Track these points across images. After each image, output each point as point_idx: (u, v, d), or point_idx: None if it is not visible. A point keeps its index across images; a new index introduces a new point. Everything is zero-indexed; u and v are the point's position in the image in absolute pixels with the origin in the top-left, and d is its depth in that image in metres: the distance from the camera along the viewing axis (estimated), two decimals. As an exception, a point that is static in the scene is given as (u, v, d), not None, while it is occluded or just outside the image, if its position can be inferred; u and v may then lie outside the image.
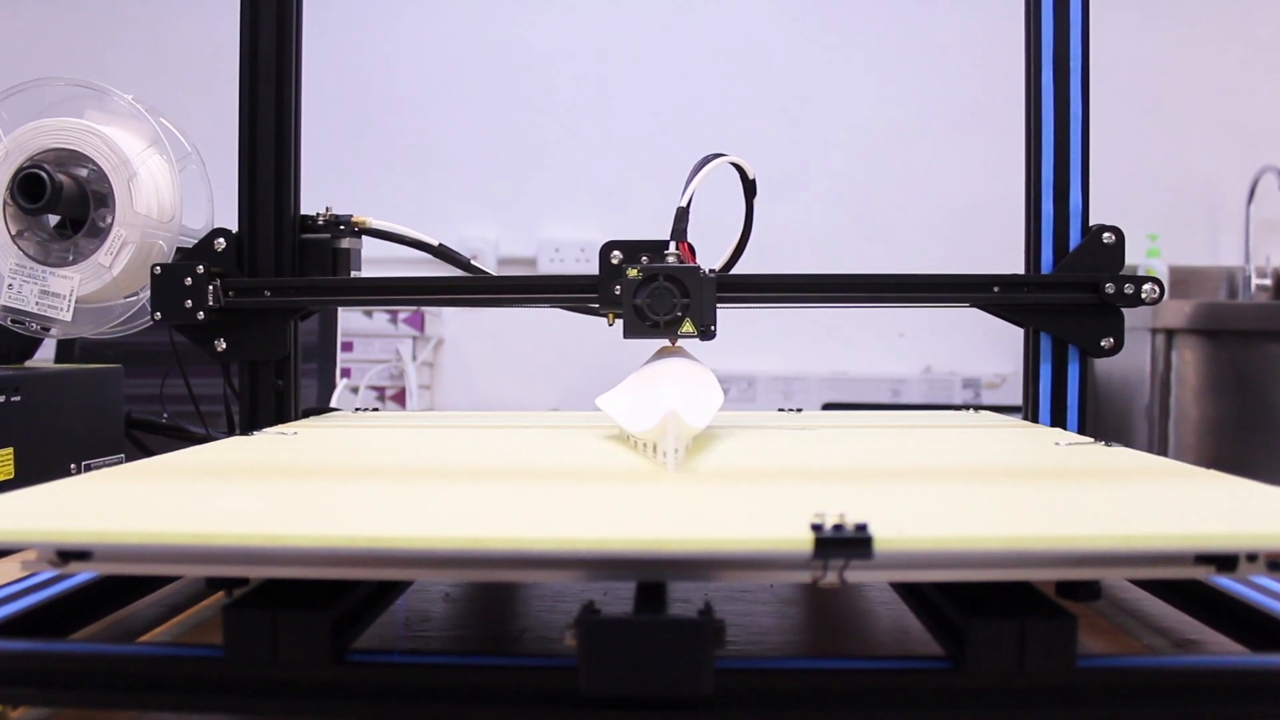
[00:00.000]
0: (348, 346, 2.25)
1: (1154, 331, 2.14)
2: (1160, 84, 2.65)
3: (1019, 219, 0.85)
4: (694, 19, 2.70)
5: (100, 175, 0.88)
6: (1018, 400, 0.86)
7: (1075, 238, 0.83)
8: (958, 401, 2.47)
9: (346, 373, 2.16)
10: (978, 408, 1.00)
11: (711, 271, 0.75)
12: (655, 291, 0.73)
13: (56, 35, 2.74)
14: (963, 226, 2.55)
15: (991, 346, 2.46)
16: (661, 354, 0.77)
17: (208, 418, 1.04)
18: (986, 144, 2.33)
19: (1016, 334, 0.84)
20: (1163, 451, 2.15)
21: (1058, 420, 0.83)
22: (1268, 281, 2.57)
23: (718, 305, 0.74)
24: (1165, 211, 2.62)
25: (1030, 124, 0.83)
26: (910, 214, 2.64)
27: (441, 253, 0.87)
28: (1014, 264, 0.87)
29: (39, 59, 2.69)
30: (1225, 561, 0.40)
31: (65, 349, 1.26)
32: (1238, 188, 2.60)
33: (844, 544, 0.37)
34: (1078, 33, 0.83)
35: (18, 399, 0.87)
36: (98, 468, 0.95)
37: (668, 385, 0.67)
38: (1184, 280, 2.59)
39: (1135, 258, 2.54)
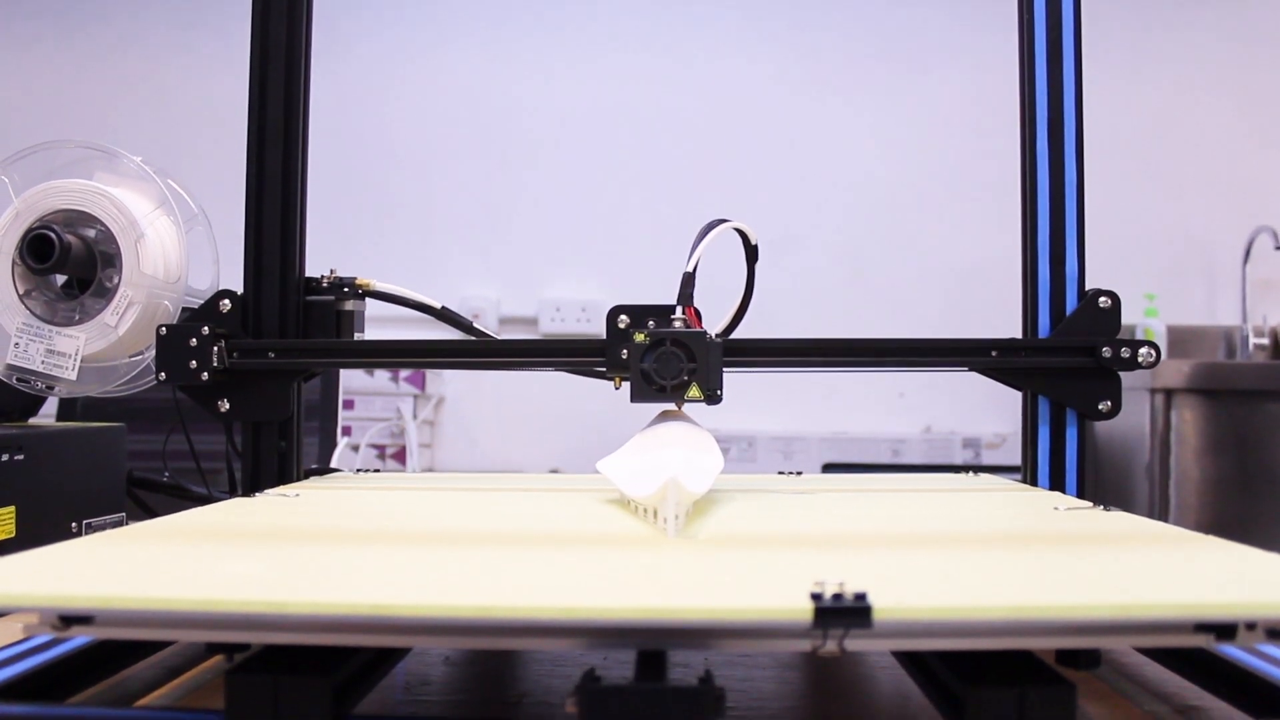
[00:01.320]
0: (349, 404, 2.25)
1: (1153, 391, 2.15)
2: (1155, 145, 2.68)
3: (1017, 279, 0.86)
4: (694, 82, 2.74)
5: (108, 236, 0.89)
6: (1018, 460, 0.86)
7: (1072, 302, 0.84)
8: (958, 461, 2.47)
9: (347, 430, 2.16)
10: (977, 469, 1.00)
11: (718, 336, 0.75)
12: (662, 356, 0.74)
13: (67, 97, 2.78)
14: (962, 287, 2.57)
15: (991, 407, 2.46)
16: (662, 418, 0.77)
17: (209, 475, 1.04)
18: (985, 205, 2.36)
19: (1016, 394, 0.84)
20: (1164, 512, 2.14)
21: (1056, 483, 0.83)
22: (1265, 341, 2.59)
23: (724, 369, 0.75)
24: (1162, 271, 2.64)
25: (1025, 189, 0.84)
26: (909, 275, 2.66)
27: (445, 315, 0.88)
28: (1013, 323, 0.87)
29: (50, 120, 2.72)
30: (1225, 630, 0.40)
31: (67, 406, 1.27)
32: (1233, 248, 2.62)
33: (843, 613, 0.37)
34: (1071, 99, 0.84)
35: (21, 457, 0.88)
36: (98, 526, 0.95)
37: (668, 450, 0.68)
38: (1182, 339, 2.60)
39: (1133, 317, 2.56)
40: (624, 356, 0.75)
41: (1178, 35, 2.70)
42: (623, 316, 0.76)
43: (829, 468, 2.47)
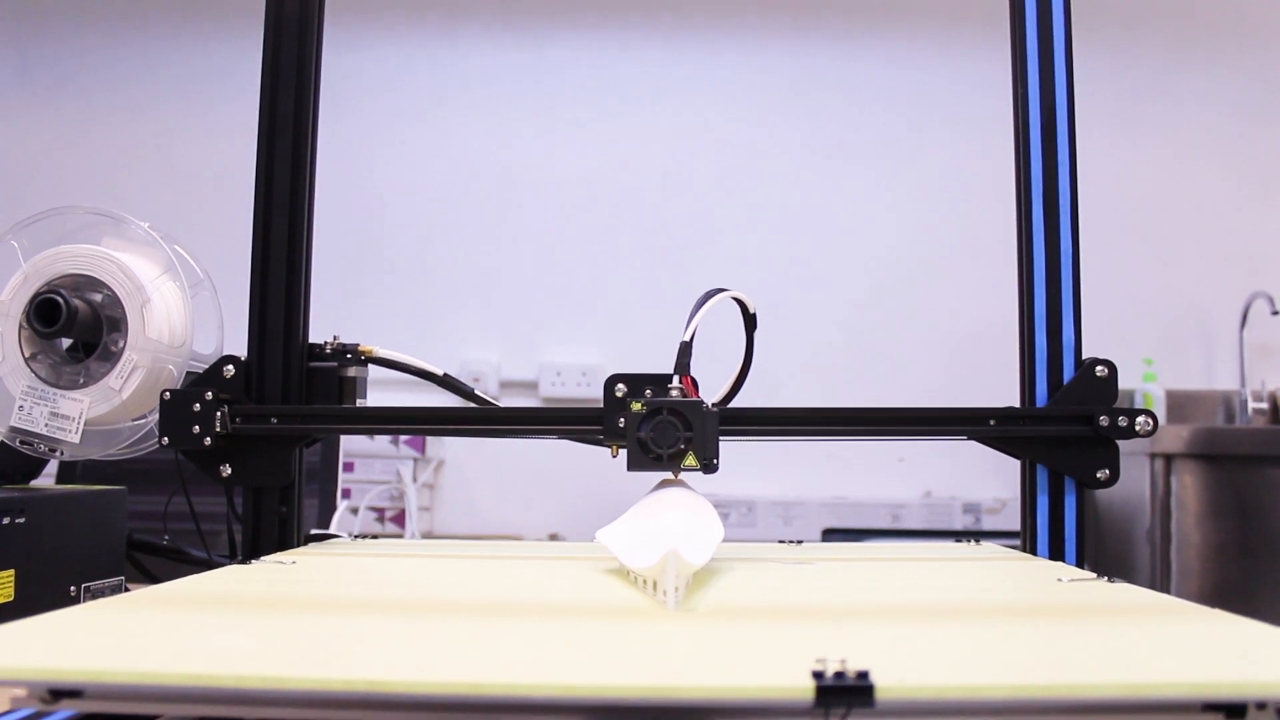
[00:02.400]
0: (349, 466, 2.25)
1: (1153, 456, 2.15)
2: (1151, 211, 2.70)
3: (1017, 344, 0.87)
4: (695, 147, 2.77)
5: (115, 300, 0.90)
6: (1019, 525, 0.86)
7: (1069, 371, 0.85)
8: (958, 526, 2.46)
9: (347, 493, 2.16)
10: (978, 536, 1.00)
11: (714, 405, 0.76)
12: (659, 425, 0.74)
13: (78, 161, 2.81)
14: (964, 351, 2.58)
15: (991, 471, 2.46)
16: (662, 485, 0.77)
17: (209, 536, 1.04)
18: (984, 270, 2.37)
19: (1016, 459, 0.85)
20: (1165, 577, 2.13)
21: (1056, 552, 0.83)
22: (1264, 405, 2.59)
23: (720, 438, 0.75)
24: (1160, 335, 2.65)
25: (1022, 261, 0.85)
26: (911, 339, 2.67)
27: (446, 382, 0.89)
28: (1014, 387, 0.88)
29: (62, 184, 2.75)
30: (1234, 710, 0.40)
31: (67, 467, 1.26)
32: (1230, 312, 2.63)
33: (845, 692, 0.37)
34: (1066, 172, 0.85)
35: (22, 520, 0.87)
36: (97, 591, 0.95)
37: (668, 520, 0.68)
38: (1181, 404, 2.60)
39: (1132, 382, 2.56)
40: (621, 425, 0.76)
41: (1172, 103, 2.74)
42: (620, 385, 0.77)
43: (829, 533, 2.46)
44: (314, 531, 0.94)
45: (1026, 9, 0.87)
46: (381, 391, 0.95)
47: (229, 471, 0.82)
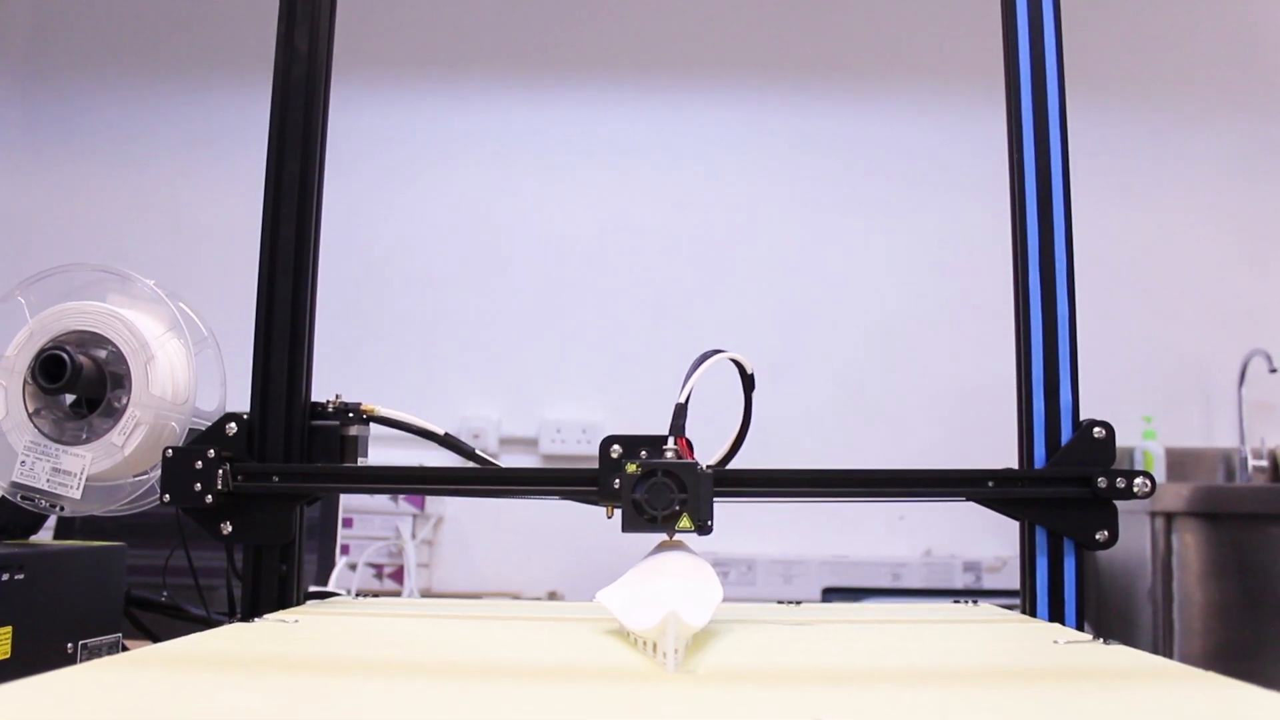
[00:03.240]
0: (348, 522, 2.25)
1: (1153, 515, 2.14)
2: (1148, 270, 2.72)
3: (1013, 403, 0.87)
4: (695, 206, 2.79)
5: (119, 357, 0.91)
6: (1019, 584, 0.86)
7: (1067, 432, 0.85)
8: (959, 585, 2.45)
9: (345, 549, 2.15)
10: (977, 595, 1.00)
11: (709, 467, 0.76)
12: (654, 487, 0.75)
13: (86, 217, 2.84)
14: (964, 408, 2.58)
15: (991, 529, 2.46)
16: (662, 547, 0.78)
17: (207, 591, 1.03)
18: (983, 328, 2.38)
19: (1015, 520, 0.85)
20: (1168, 637, 2.12)
21: (1055, 613, 0.83)
22: (1264, 463, 2.59)
23: (716, 499, 0.76)
24: (1159, 393, 2.66)
25: (1019, 323, 0.86)
26: (910, 397, 2.68)
27: (447, 442, 0.89)
28: (1012, 445, 0.88)
29: (69, 239, 2.78)
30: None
31: (65, 522, 1.27)
32: (1228, 370, 2.64)
33: (841, 759, 0.38)
34: (1061, 235, 0.87)
35: (21, 577, 0.88)
36: (94, 648, 0.94)
37: (668, 581, 0.68)
38: (1181, 462, 2.60)
39: (1131, 439, 2.56)
40: (616, 486, 0.76)
41: (1168, 162, 2.77)
42: (615, 447, 0.77)
43: (829, 592, 2.45)
44: (313, 589, 0.94)
45: (1021, 74, 0.89)
46: (382, 447, 0.96)
47: (230, 529, 0.82)
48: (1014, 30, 0.89)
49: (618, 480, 0.76)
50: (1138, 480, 0.84)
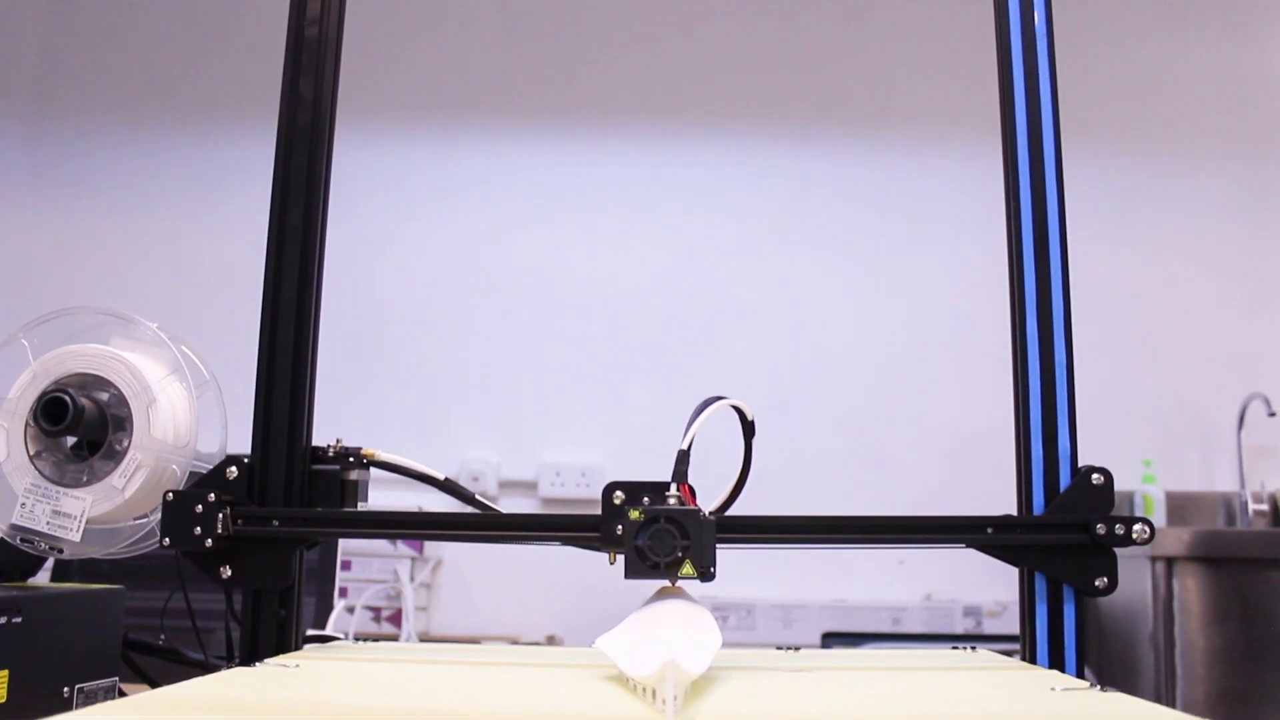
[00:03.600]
0: (346, 565, 2.24)
1: (1153, 559, 2.14)
2: (1146, 313, 2.73)
3: (1012, 447, 0.88)
4: (695, 249, 2.81)
5: (120, 400, 0.91)
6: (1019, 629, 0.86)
7: (1065, 478, 0.85)
8: (959, 630, 2.44)
9: (344, 592, 2.15)
10: (978, 640, 0.99)
11: (712, 514, 0.76)
12: (656, 533, 0.75)
13: (87, 259, 2.85)
14: (960, 453, 2.58)
15: (991, 574, 2.43)
16: (661, 593, 0.78)
17: (205, 634, 1.03)
18: (982, 372, 2.39)
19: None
20: (1171, 683, 2.11)
21: (1055, 660, 0.83)
22: (1265, 507, 2.58)
23: (718, 545, 0.76)
24: (1158, 437, 2.66)
25: (1017, 370, 0.87)
26: (908, 442, 2.68)
27: (448, 487, 0.89)
28: (1012, 489, 0.88)
29: (70, 282, 2.79)
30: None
31: (63, 564, 1.26)
32: (1228, 413, 2.65)
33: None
34: (1058, 283, 0.87)
35: (19, 620, 0.87)
36: (90, 692, 0.94)
37: (667, 628, 0.68)
38: (1181, 505, 2.60)
39: (1131, 483, 2.56)
40: (619, 532, 0.76)
41: (1165, 206, 2.79)
42: (618, 493, 0.78)
43: (829, 636, 2.43)
44: (312, 633, 0.94)
45: (1016, 121, 0.90)
46: (382, 489, 0.96)
47: (229, 573, 0.82)
48: (1010, 77, 0.90)
49: (620, 526, 0.76)
50: (1136, 526, 0.84)
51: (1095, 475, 0.85)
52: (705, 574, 0.75)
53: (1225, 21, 2.88)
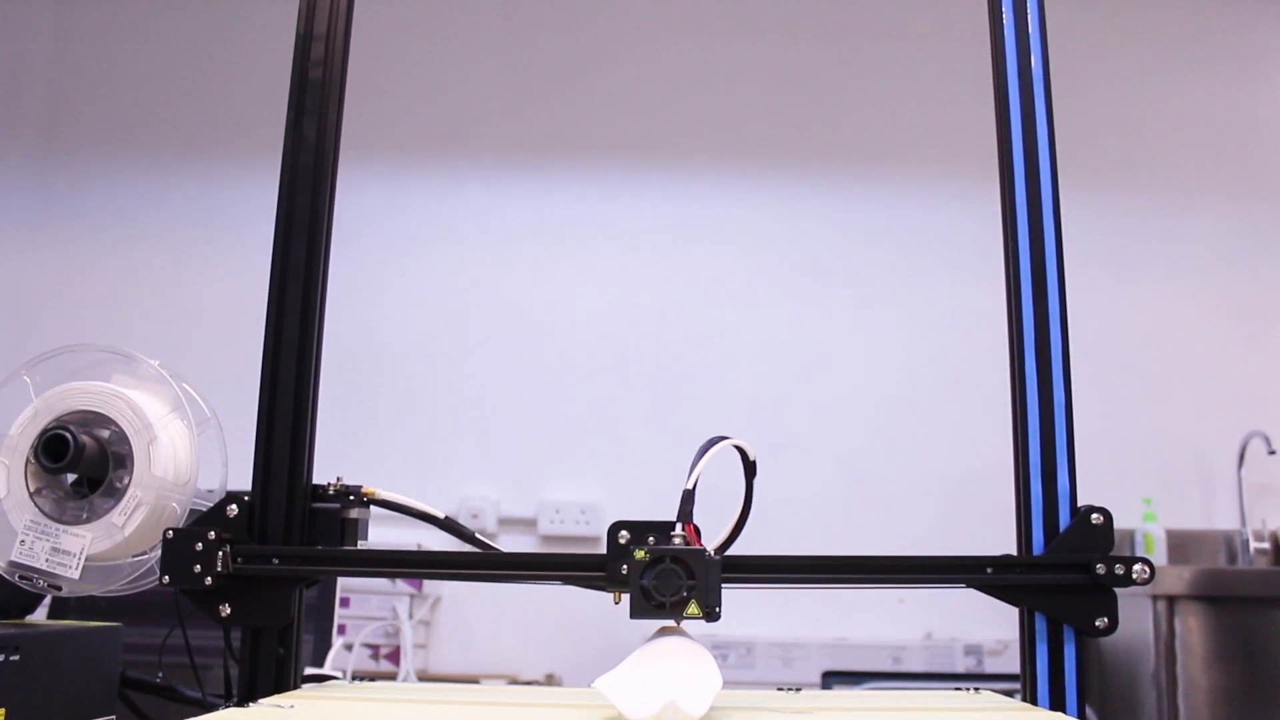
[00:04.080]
0: (345, 602, 2.23)
1: (1155, 598, 2.13)
2: (1145, 350, 2.74)
3: (1012, 485, 0.88)
4: (695, 287, 2.81)
5: (121, 437, 0.91)
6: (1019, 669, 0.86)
7: (1065, 518, 0.85)
8: (960, 669, 2.42)
9: (342, 629, 2.14)
10: (979, 679, 0.99)
11: (717, 554, 0.76)
12: (662, 573, 0.75)
13: (90, 294, 2.86)
14: (960, 492, 2.58)
15: (992, 613, 2.42)
16: (661, 632, 0.78)
17: (203, 671, 1.03)
18: (982, 411, 2.39)
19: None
20: (1173, 722, 2.09)
21: (1057, 701, 0.82)
22: (1266, 545, 2.58)
23: (722, 585, 0.76)
24: (1158, 475, 2.66)
25: (1016, 410, 0.87)
26: (907, 480, 2.67)
27: (448, 525, 0.89)
28: (1011, 530, 0.88)
29: (73, 317, 2.80)
30: None
31: (61, 600, 1.26)
32: (1228, 451, 2.65)
33: None
34: (1056, 323, 0.87)
35: (16, 658, 0.87)
36: (87, 730, 0.93)
37: (667, 670, 0.68)
38: (1182, 544, 2.59)
39: (1132, 521, 2.56)
40: (624, 572, 0.76)
41: (1164, 245, 2.80)
42: (623, 532, 0.78)
43: (829, 675, 2.42)
44: (310, 671, 0.94)
45: (1014, 162, 0.90)
46: (382, 525, 0.96)
47: (228, 611, 0.82)
48: (1007, 120, 0.91)
49: (626, 566, 0.76)
50: (1136, 566, 0.84)
51: (1095, 515, 0.85)
52: (711, 614, 0.75)
53: (1224, 63, 2.90)
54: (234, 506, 0.84)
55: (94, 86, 3.00)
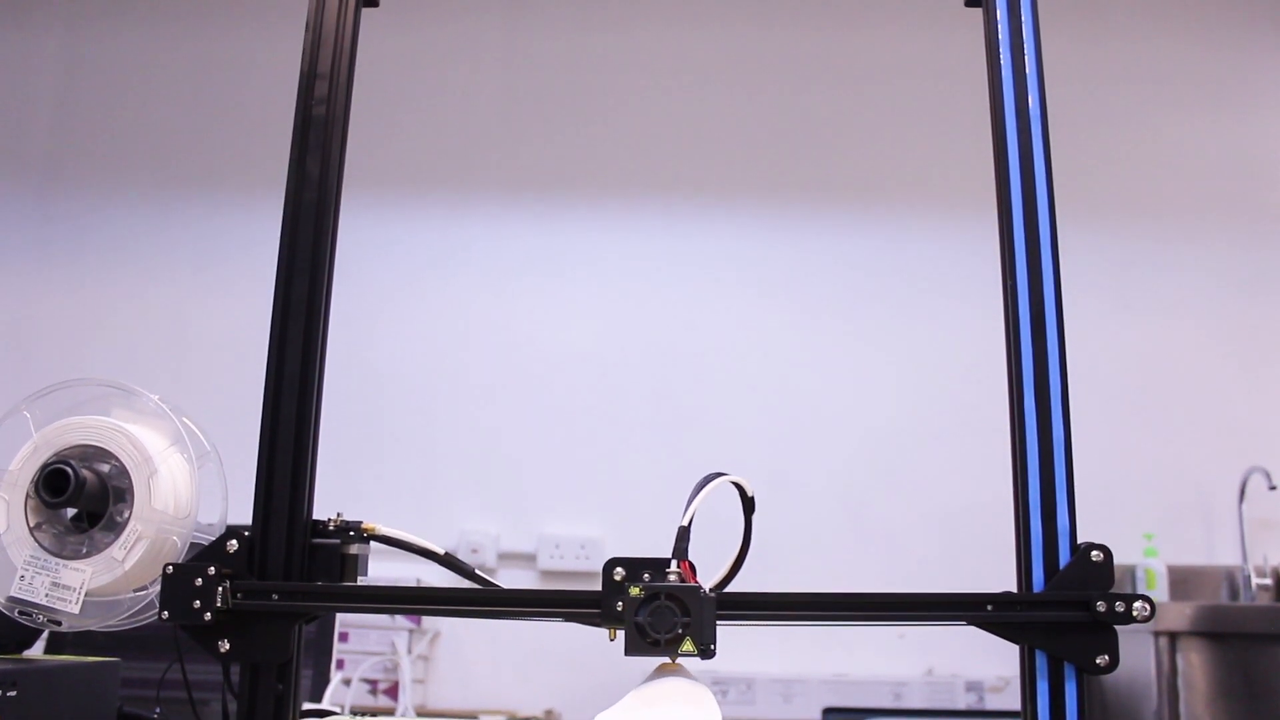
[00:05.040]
0: (343, 637, 2.22)
1: (1157, 634, 2.12)
2: (1145, 384, 2.74)
3: (1011, 520, 0.88)
4: (695, 322, 2.82)
5: (122, 471, 0.91)
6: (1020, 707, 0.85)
7: (1065, 555, 0.85)
8: (961, 705, 2.41)
9: (341, 664, 2.13)
10: (981, 716, 0.99)
11: (712, 590, 0.76)
12: (657, 610, 0.75)
13: (92, 328, 2.87)
14: (961, 526, 2.57)
15: (993, 648, 2.41)
16: (661, 670, 0.77)
17: (201, 706, 1.02)
18: (981, 445, 2.39)
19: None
20: (1177, 761, 2.08)
21: (1058, 739, 0.82)
22: (1268, 581, 2.57)
23: (718, 622, 0.76)
24: (1159, 511, 2.65)
25: (1015, 447, 0.87)
26: (907, 515, 2.67)
27: (448, 561, 0.89)
28: (1011, 564, 0.88)
29: (75, 351, 2.81)
30: None
31: (57, 635, 1.26)
32: (1228, 487, 2.64)
33: None
34: (1055, 360, 0.88)
35: (14, 694, 0.87)
36: (84, 767, 0.93)
37: (666, 709, 0.68)
38: (1184, 579, 2.58)
39: (1133, 557, 2.55)
40: (619, 609, 0.76)
41: (1164, 279, 2.81)
42: (618, 569, 0.78)
43: (829, 712, 2.40)
44: (309, 706, 0.94)
45: (1012, 198, 0.91)
46: (382, 559, 0.96)
47: (227, 647, 0.82)
48: (1005, 159, 0.92)
49: (621, 603, 0.76)
50: (1137, 604, 0.83)
51: (1095, 552, 0.85)
52: (705, 651, 0.75)
53: (1222, 98, 2.92)
54: (234, 542, 0.84)
55: (98, 120, 3.03)
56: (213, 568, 0.82)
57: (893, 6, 2.96)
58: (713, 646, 0.75)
